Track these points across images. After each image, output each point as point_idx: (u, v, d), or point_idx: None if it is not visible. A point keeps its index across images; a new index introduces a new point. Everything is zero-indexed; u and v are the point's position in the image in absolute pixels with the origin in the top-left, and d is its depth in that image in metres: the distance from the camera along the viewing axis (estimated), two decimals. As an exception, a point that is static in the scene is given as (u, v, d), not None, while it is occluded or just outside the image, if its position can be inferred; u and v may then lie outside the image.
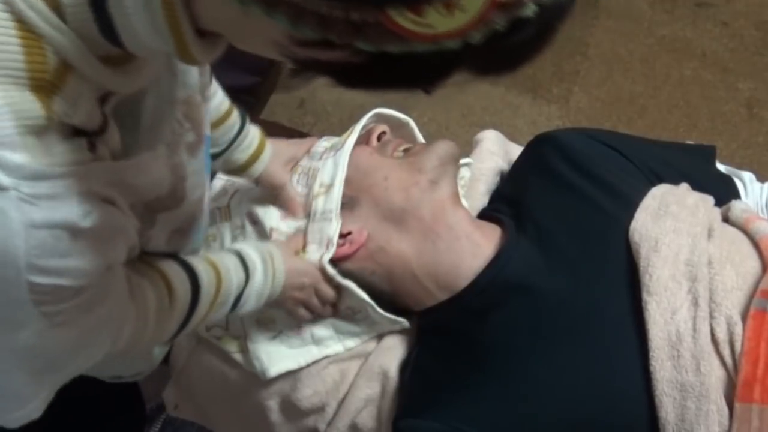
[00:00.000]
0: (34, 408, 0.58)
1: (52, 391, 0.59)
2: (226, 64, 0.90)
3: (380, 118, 1.08)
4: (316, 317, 0.94)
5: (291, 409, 0.96)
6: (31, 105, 0.45)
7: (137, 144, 0.58)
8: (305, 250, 0.91)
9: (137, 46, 0.50)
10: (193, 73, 0.66)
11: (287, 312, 0.93)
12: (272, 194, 0.96)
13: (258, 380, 0.95)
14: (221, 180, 1.08)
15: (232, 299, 0.79)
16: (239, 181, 1.01)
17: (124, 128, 0.55)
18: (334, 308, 0.94)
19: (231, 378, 0.98)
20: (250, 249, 0.83)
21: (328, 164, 0.95)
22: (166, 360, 1.02)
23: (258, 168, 0.93)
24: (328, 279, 0.90)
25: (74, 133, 0.48)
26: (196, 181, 0.69)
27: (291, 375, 0.94)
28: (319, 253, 0.90)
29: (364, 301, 0.90)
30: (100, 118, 0.51)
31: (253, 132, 0.92)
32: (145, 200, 0.59)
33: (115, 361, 0.85)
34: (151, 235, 0.67)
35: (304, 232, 0.92)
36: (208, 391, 1.03)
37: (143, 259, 0.68)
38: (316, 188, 0.94)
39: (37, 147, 0.45)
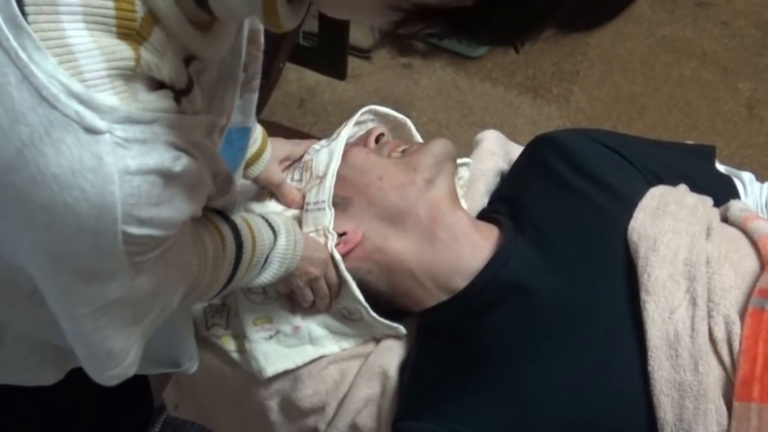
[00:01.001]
0: (129, 364, 0.59)
1: (140, 346, 0.59)
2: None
3: (378, 117, 1.08)
4: (313, 309, 0.94)
5: (291, 409, 0.96)
6: (121, 49, 0.44)
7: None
8: None
9: (224, 8, 0.49)
10: (243, 55, 0.67)
11: (290, 296, 0.93)
12: (269, 191, 0.97)
13: (258, 380, 0.95)
14: None
15: (263, 258, 0.79)
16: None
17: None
18: (331, 302, 0.93)
19: (231, 378, 0.98)
20: (272, 214, 0.84)
21: (322, 154, 0.96)
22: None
23: (258, 167, 0.93)
24: (334, 267, 0.90)
25: (159, 86, 0.48)
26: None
27: (291, 375, 0.94)
28: (319, 240, 0.90)
29: (358, 302, 0.90)
30: (186, 77, 0.51)
31: (258, 131, 0.92)
32: (213, 171, 0.59)
33: (173, 337, 0.85)
34: None
35: (299, 223, 0.93)
36: (208, 391, 1.03)
37: None
38: (311, 180, 0.95)
39: (127, 91, 0.45)
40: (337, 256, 0.89)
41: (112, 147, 0.44)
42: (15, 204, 0.45)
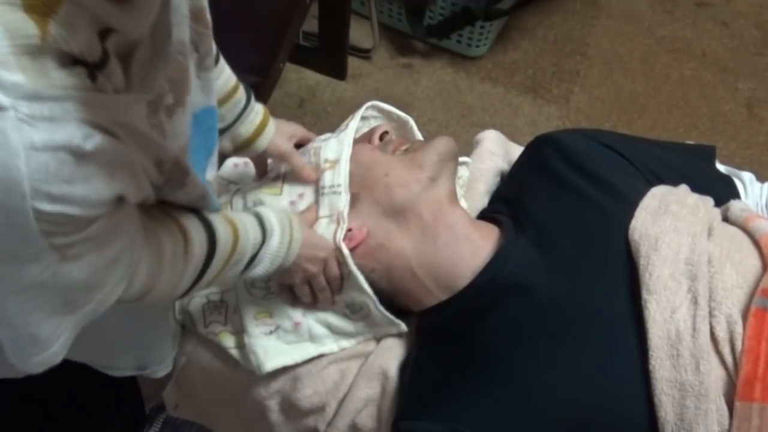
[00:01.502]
0: (54, 353, 0.57)
1: (71, 335, 0.58)
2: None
3: (382, 114, 1.09)
4: (312, 305, 0.94)
5: (291, 409, 0.96)
6: (25, 24, 0.44)
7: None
8: (316, 223, 0.91)
9: None
10: (184, 33, 0.65)
11: (288, 292, 0.93)
12: (281, 180, 0.97)
13: (258, 380, 0.95)
14: (225, 177, 1.09)
15: (246, 259, 0.78)
16: (239, 181, 1.01)
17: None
18: (333, 297, 0.93)
19: (231, 378, 0.98)
20: (270, 213, 0.83)
21: (331, 143, 0.97)
22: (166, 360, 1.02)
23: (263, 142, 0.93)
24: (339, 261, 0.90)
25: (72, 62, 0.47)
26: (184, 146, 0.68)
27: (291, 375, 0.94)
28: (330, 228, 0.90)
29: (366, 293, 0.90)
30: (100, 50, 0.50)
31: (258, 108, 0.93)
32: (154, 156, 0.58)
33: (139, 338, 0.85)
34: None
35: (315, 205, 0.93)
36: (208, 391, 1.03)
37: (161, 208, 0.68)
38: (322, 163, 0.95)
39: (33, 68, 0.44)
40: (345, 249, 0.89)
41: (16, 123, 0.43)
42: None
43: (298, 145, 1.01)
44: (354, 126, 0.98)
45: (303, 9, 1.45)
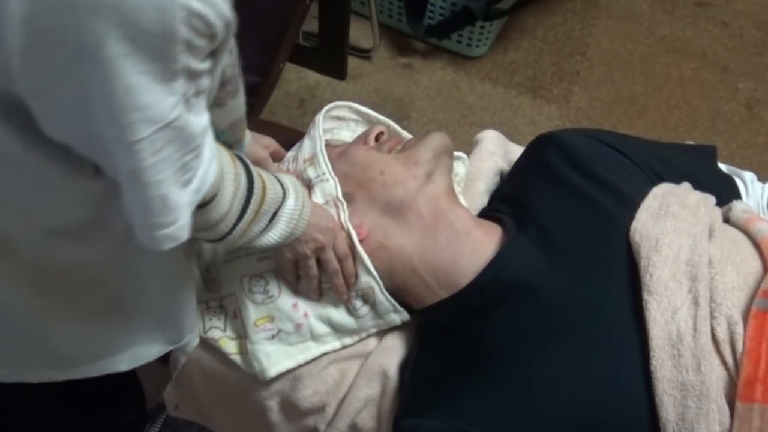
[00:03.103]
0: (180, 226, 0.61)
1: (188, 216, 0.62)
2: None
3: (360, 116, 1.09)
4: (317, 294, 0.93)
5: (291, 409, 0.96)
6: None
7: None
8: None
9: None
10: None
11: (290, 286, 0.93)
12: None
13: (258, 380, 0.95)
14: None
15: (271, 212, 0.80)
16: None
17: None
18: (345, 283, 0.92)
19: (231, 378, 0.98)
20: (283, 176, 0.84)
21: (304, 144, 0.98)
22: (166, 360, 1.02)
23: (240, 150, 0.94)
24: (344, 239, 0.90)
25: None
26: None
27: (291, 375, 0.94)
28: (332, 212, 0.90)
29: (372, 275, 0.90)
30: None
31: None
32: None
33: (171, 303, 0.86)
34: None
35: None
36: (208, 391, 1.03)
37: None
38: (300, 165, 0.96)
39: None
40: (352, 230, 0.89)
41: None
42: None
43: (273, 160, 1.03)
44: (320, 121, 1.00)
45: (303, 9, 1.45)
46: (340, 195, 0.91)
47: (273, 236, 0.81)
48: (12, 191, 0.64)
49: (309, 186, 0.94)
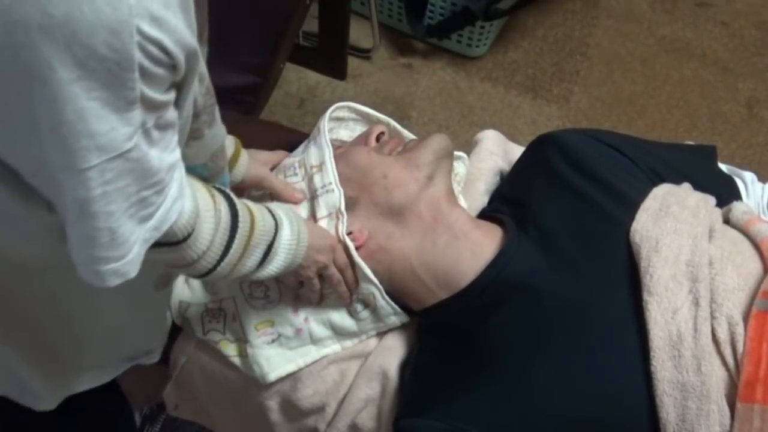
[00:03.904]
0: (129, 261, 0.58)
1: (141, 251, 0.59)
2: (226, 64, 0.90)
3: (359, 116, 1.09)
4: (318, 304, 0.93)
5: (291, 409, 0.96)
6: None
7: None
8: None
9: None
10: None
11: (290, 297, 0.93)
12: (263, 191, 0.97)
13: (258, 381, 0.95)
14: None
15: (264, 245, 0.78)
16: None
17: None
18: (350, 290, 0.92)
19: (231, 378, 0.98)
20: (274, 206, 0.83)
21: (311, 150, 0.97)
22: (166, 360, 1.02)
23: (239, 172, 0.92)
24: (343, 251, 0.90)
25: None
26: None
27: (291, 375, 0.94)
28: (330, 226, 0.90)
29: (372, 283, 0.90)
30: None
31: (229, 139, 0.91)
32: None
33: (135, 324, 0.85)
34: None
35: (311, 211, 0.93)
36: (208, 391, 1.03)
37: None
38: (308, 170, 0.95)
39: None
40: (348, 242, 0.89)
41: None
42: (32, 1, 0.44)
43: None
44: (324, 127, 0.98)
45: (303, 9, 1.45)
46: (342, 207, 0.90)
47: (273, 268, 0.81)
48: None
49: (314, 196, 0.93)
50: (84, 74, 0.47)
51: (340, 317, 0.94)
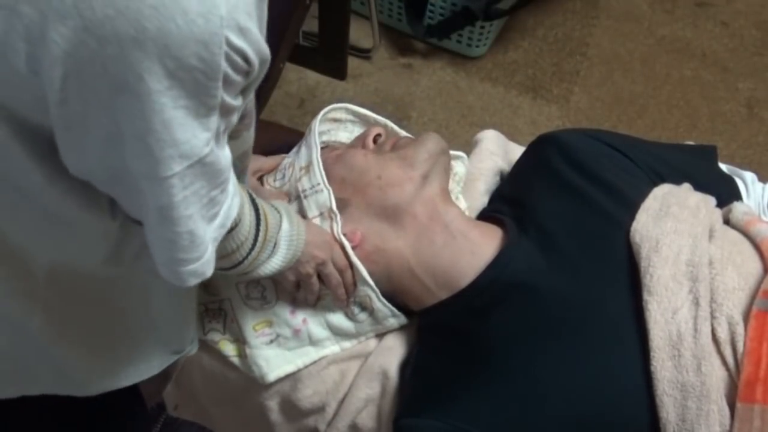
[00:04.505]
0: (206, 261, 0.60)
1: (213, 250, 0.61)
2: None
3: (356, 117, 1.09)
4: (318, 306, 0.93)
5: (291, 409, 0.96)
6: None
7: None
8: None
9: None
10: None
11: (288, 299, 0.93)
12: None
13: (258, 381, 0.95)
14: None
15: (274, 238, 0.80)
16: None
17: None
18: (347, 292, 0.92)
19: (231, 378, 0.98)
20: (274, 201, 0.85)
21: (301, 152, 0.97)
22: (166, 360, 1.02)
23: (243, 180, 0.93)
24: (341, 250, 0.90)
25: None
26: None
27: (291, 375, 0.94)
28: (324, 225, 0.90)
29: (368, 285, 0.90)
30: None
31: None
32: None
33: (174, 316, 0.86)
34: None
35: (301, 212, 0.92)
36: (208, 391, 1.03)
37: None
38: (297, 172, 0.95)
39: None
40: (345, 241, 0.89)
41: None
42: (126, 13, 0.45)
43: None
44: (316, 127, 0.98)
45: (303, 9, 1.45)
46: (333, 206, 0.90)
47: (277, 261, 0.82)
48: (31, 222, 0.63)
49: (304, 197, 0.93)
50: (173, 84, 0.48)
51: (338, 319, 0.94)
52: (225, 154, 0.58)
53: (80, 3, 0.44)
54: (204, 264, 0.60)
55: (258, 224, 0.76)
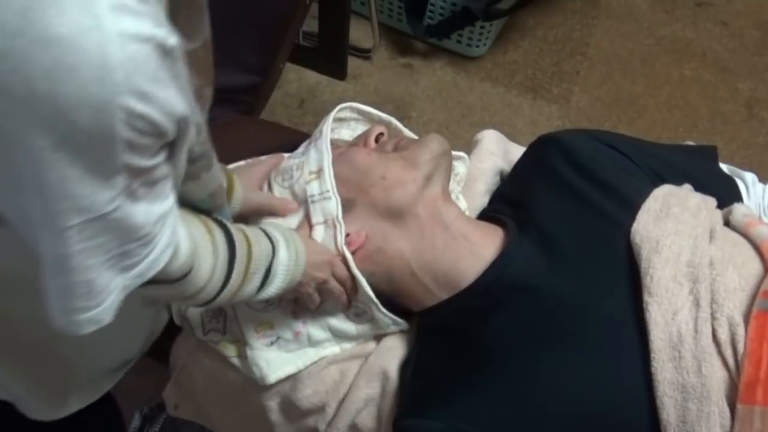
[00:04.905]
0: (105, 309, 0.58)
1: (118, 298, 0.58)
2: (226, 64, 0.90)
3: (361, 115, 1.08)
4: (319, 311, 0.93)
5: (291, 409, 0.96)
6: None
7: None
8: (312, 234, 0.90)
9: None
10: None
11: (290, 304, 0.93)
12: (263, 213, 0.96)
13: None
14: None
15: (263, 270, 0.78)
16: None
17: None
18: (349, 300, 0.92)
19: (231, 378, 0.98)
20: (269, 227, 0.83)
21: (311, 154, 0.95)
22: (166, 360, 1.02)
23: (236, 204, 0.91)
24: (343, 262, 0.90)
25: None
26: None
27: (291, 375, 0.94)
28: (328, 233, 0.89)
29: (368, 297, 0.90)
30: None
31: (223, 174, 0.90)
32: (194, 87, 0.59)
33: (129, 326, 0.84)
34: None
35: (307, 217, 0.92)
36: (208, 391, 1.03)
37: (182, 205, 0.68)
38: (306, 176, 0.94)
39: None
40: (347, 254, 0.88)
41: (110, 10, 0.44)
42: (17, 73, 0.44)
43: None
44: (327, 130, 0.97)
45: (303, 9, 1.45)
46: (339, 216, 0.90)
47: (272, 290, 0.81)
48: None
49: (311, 201, 0.92)
50: (66, 145, 0.47)
51: (339, 322, 0.94)
52: (149, 209, 0.55)
53: None
54: (102, 312, 0.58)
55: (231, 262, 0.73)
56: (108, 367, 0.89)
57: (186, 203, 0.69)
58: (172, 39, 0.48)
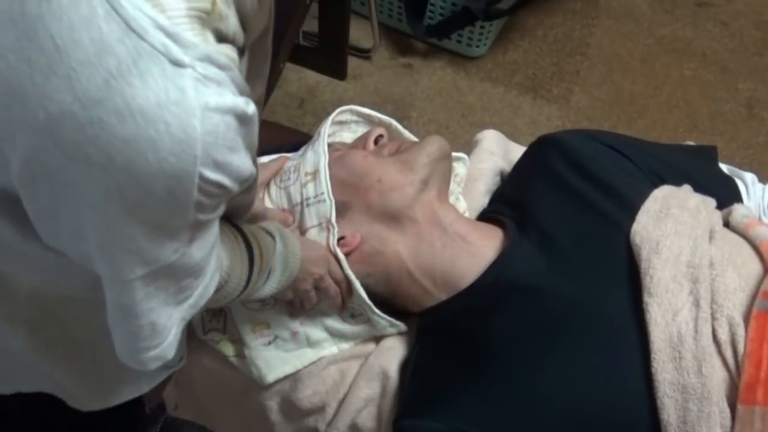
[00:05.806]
0: (169, 345, 0.59)
1: (179, 330, 0.59)
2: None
3: (361, 117, 1.08)
4: (316, 311, 0.93)
5: (291, 409, 0.96)
6: None
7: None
8: (306, 235, 0.91)
9: None
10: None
11: (286, 305, 0.93)
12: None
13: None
14: None
15: (269, 266, 0.79)
16: None
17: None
18: (344, 301, 0.93)
19: (231, 378, 0.98)
20: (266, 222, 0.84)
21: (308, 156, 0.96)
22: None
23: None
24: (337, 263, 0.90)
25: (221, 40, 0.49)
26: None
27: (291, 375, 0.94)
28: (321, 236, 0.90)
29: (363, 300, 0.90)
30: (243, 40, 0.52)
31: None
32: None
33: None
34: None
35: (301, 220, 0.92)
36: (208, 391, 1.03)
37: None
38: (303, 178, 0.94)
39: (201, 34, 0.45)
40: (340, 254, 0.89)
41: (193, 82, 0.44)
42: (96, 142, 0.43)
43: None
44: (325, 133, 0.97)
45: (303, 9, 1.45)
46: (333, 219, 0.90)
47: (272, 284, 0.81)
48: (12, 260, 0.62)
49: (306, 204, 0.92)
50: (138, 210, 0.47)
51: (336, 322, 0.95)
52: (201, 246, 0.55)
53: (52, 123, 0.43)
54: (166, 347, 0.59)
55: (251, 265, 0.74)
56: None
57: None
58: (251, 107, 0.48)
